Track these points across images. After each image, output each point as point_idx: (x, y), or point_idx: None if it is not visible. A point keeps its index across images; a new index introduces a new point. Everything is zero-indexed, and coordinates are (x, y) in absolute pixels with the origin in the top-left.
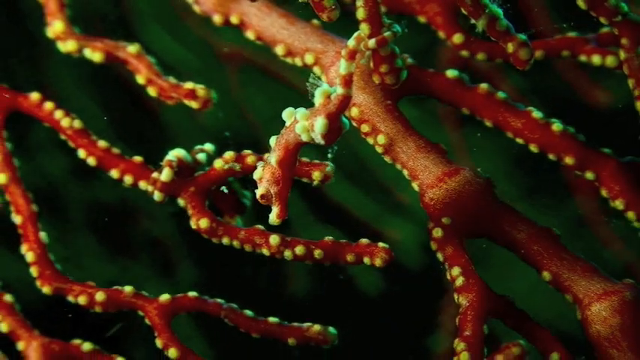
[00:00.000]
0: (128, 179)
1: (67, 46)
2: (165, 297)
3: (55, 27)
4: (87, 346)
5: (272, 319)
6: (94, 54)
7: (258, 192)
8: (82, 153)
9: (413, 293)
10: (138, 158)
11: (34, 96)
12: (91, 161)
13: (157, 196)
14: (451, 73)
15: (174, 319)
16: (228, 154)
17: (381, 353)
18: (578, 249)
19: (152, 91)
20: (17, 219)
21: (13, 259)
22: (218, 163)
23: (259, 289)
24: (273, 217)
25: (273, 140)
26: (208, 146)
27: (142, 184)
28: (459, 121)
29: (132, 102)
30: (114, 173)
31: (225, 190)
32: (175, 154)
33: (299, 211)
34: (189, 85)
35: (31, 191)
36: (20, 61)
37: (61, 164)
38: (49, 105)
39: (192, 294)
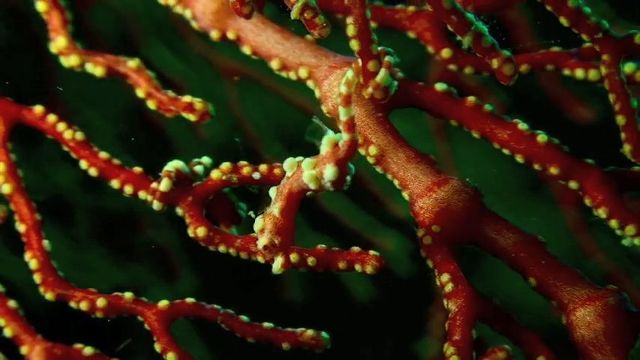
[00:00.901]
0: (128, 189)
1: (70, 60)
2: (163, 303)
3: (58, 42)
4: (88, 350)
5: (267, 324)
6: (96, 68)
7: (261, 243)
8: (84, 164)
9: (402, 300)
10: (138, 169)
11: (38, 109)
12: (93, 172)
13: (156, 205)
14: (440, 87)
15: (173, 324)
16: (225, 165)
17: (371, 358)
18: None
19: (151, 104)
20: (21, 227)
21: (18, 265)
22: (215, 174)
23: (254, 295)
24: (278, 267)
25: (272, 191)
26: (205, 159)
27: (142, 194)
28: (447, 133)
29: (137, 116)
30: (114, 183)
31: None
32: (174, 165)
33: None
34: (187, 98)
35: (40, 201)
36: (29, 76)
37: (70, 175)
38: (52, 118)
39: (189, 300)
